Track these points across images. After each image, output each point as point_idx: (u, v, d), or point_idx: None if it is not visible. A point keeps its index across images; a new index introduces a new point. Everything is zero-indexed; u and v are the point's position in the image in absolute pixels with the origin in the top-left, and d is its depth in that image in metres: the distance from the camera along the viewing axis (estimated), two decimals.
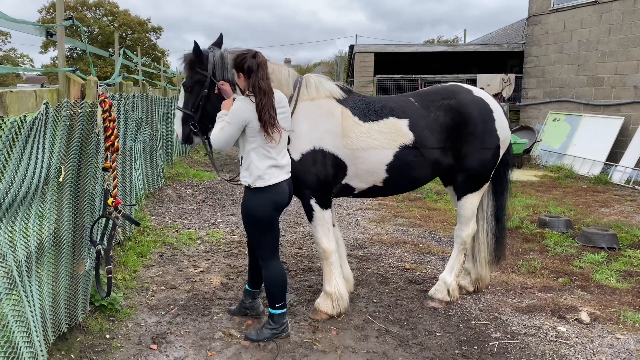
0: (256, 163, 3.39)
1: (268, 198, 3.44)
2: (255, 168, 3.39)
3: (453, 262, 4.40)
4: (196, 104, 3.85)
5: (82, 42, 6.05)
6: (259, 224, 3.50)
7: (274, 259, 3.61)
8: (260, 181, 3.41)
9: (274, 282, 3.60)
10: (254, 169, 3.40)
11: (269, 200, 3.44)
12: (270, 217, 3.49)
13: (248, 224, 3.57)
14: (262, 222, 3.49)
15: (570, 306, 4.34)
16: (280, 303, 3.64)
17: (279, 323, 3.66)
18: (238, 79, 3.45)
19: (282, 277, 3.63)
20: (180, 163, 11.90)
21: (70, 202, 3.31)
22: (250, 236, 3.68)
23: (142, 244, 5.75)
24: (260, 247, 3.60)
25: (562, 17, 14.27)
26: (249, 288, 4.02)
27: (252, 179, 3.41)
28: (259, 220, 3.48)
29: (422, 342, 3.72)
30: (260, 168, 3.39)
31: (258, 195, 3.44)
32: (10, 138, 1.99)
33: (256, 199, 3.46)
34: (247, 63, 3.33)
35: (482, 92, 4.23)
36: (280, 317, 3.67)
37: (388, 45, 20.18)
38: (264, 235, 3.54)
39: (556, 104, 14.46)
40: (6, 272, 2.34)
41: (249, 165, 3.42)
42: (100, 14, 45.75)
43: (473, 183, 4.17)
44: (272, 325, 3.66)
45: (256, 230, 3.54)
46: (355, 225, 7.17)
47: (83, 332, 3.58)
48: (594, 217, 7.61)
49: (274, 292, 3.61)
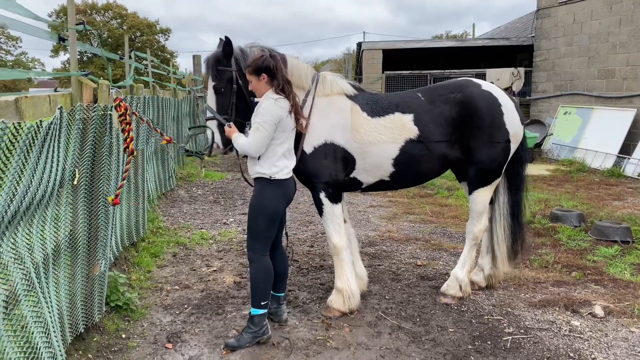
0: (278, 157, 3.51)
1: (281, 191, 3.54)
2: (277, 161, 3.51)
3: (465, 257, 4.40)
4: (230, 104, 3.79)
5: (92, 46, 6.11)
6: (268, 216, 3.53)
7: (266, 254, 3.62)
8: (279, 174, 3.51)
9: (264, 278, 3.57)
10: (275, 162, 3.50)
11: (281, 192, 3.54)
12: (280, 209, 3.58)
13: (258, 215, 3.55)
14: (271, 214, 3.54)
15: (584, 300, 4.32)
16: (265, 301, 3.58)
17: (259, 325, 3.56)
18: (258, 81, 3.47)
19: (269, 273, 3.61)
20: (191, 164, 11.98)
21: (85, 205, 3.36)
22: (253, 229, 3.58)
23: (156, 245, 5.81)
24: (259, 240, 3.57)
25: (572, 9, 14.14)
26: (274, 293, 3.91)
27: (272, 171, 3.50)
28: (270, 212, 3.53)
29: (435, 338, 3.73)
30: (281, 162, 3.53)
31: (272, 188, 3.52)
32: (28, 143, 2.04)
33: (270, 192, 3.52)
34: (268, 63, 3.43)
35: (492, 86, 4.22)
36: (262, 318, 3.58)
37: (396, 42, 20.13)
38: (268, 229, 3.56)
39: (567, 97, 14.34)
40: (24, 274, 2.39)
41: (270, 158, 3.50)
42: (109, 16, 46.11)
43: (483, 177, 4.17)
44: (252, 329, 3.56)
45: (263, 222, 3.54)
46: (366, 223, 7.18)
47: (99, 332, 3.63)
48: (607, 211, 7.55)
49: (259, 288, 3.56)
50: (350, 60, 25.36)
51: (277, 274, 3.80)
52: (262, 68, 3.42)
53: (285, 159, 3.57)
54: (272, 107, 3.40)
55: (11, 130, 1.88)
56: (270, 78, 3.45)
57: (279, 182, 3.53)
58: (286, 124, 3.49)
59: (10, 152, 1.92)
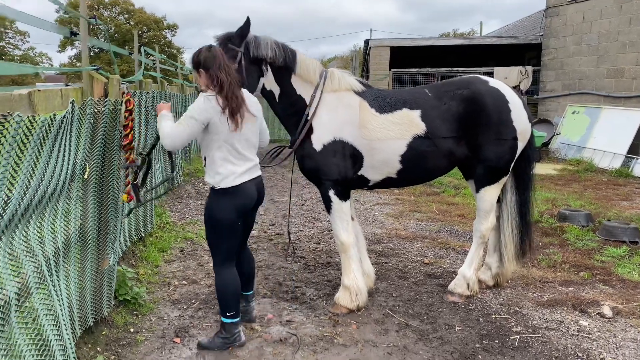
0: (219, 162, 3.25)
1: (231, 201, 3.29)
2: (219, 168, 3.25)
3: (472, 256, 4.39)
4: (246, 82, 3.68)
5: (100, 41, 6.13)
6: (218, 228, 3.33)
7: (228, 266, 3.43)
8: (224, 182, 3.25)
9: (225, 290, 3.41)
10: (217, 169, 3.25)
11: (231, 203, 3.29)
12: (231, 221, 3.31)
13: (207, 227, 3.39)
14: (222, 227, 3.32)
15: (592, 300, 4.30)
16: (231, 312, 3.43)
17: (230, 332, 3.46)
18: (199, 77, 3.30)
19: (234, 284, 3.44)
20: (197, 159, 11.99)
21: (95, 199, 3.37)
22: (209, 243, 3.47)
23: (163, 240, 5.83)
24: (216, 252, 3.42)
25: (581, 7, 14.05)
26: (242, 292, 3.76)
27: (216, 179, 3.27)
28: (219, 224, 3.32)
29: (442, 336, 3.72)
30: (224, 168, 3.25)
31: (220, 198, 3.30)
32: (41, 136, 2.05)
33: (218, 202, 3.31)
34: (202, 57, 3.22)
35: (499, 83, 4.20)
36: (232, 327, 3.46)
37: (404, 40, 20.07)
38: (222, 241, 3.36)
39: (575, 97, 14.26)
40: (36, 267, 2.40)
41: (212, 165, 3.27)
42: (116, 12, 46.23)
43: (491, 175, 4.15)
44: (223, 335, 3.47)
45: (215, 234, 3.36)
46: (373, 220, 7.18)
47: (108, 325, 3.65)
48: (615, 211, 7.51)
49: (225, 299, 3.42)
50: (357, 57, 25.33)
51: (244, 274, 3.71)
52: (197, 62, 3.25)
53: (229, 163, 3.26)
54: (200, 104, 3.17)
55: (25, 124, 1.89)
56: (206, 73, 3.21)
57: (227, 190, 3.26)
58: (219, 126, 3.18)
59: (25, 145, 1.93)
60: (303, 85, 3.95)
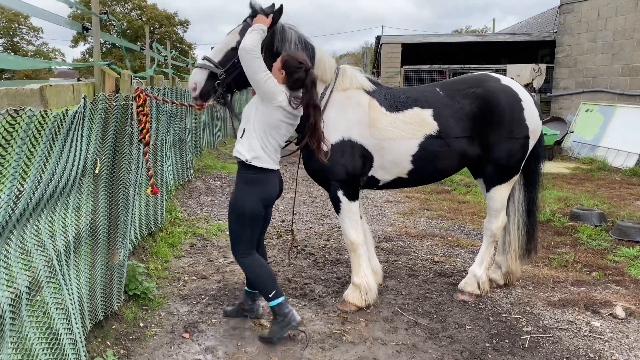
0: (262, 142, 3.36)
1: (260, 191, 3.39)
2: (258, 146, 3.36)
3: (483, 254, 4.36)
4: (232, 62, 3.63)
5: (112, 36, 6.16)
6: (242, 216, 3.41)
7: (249, 255, 3.50)
8: (256, 161, 3.36)
9: (258, 276, 3.49)
10: (256, 147, 3.35)
11: (260, 193, 3.39)
12: (257, 211, 3.41)
13: (231, 215, 3.47)
14: (247, 215, 3.40)
15: (605, 301, 4.25)
16: (272, 292, 3.46)
17: (281, 314, 3.47)
18: (279, 71, 3.40)
19: (264, 267, 3.52)
20: (208, 155, 12.04)
21: (106, 194, 3.39)
22: (230, 228, 3.54)
23: (173, 235, 5.85)
24: (238, 241, 3.49)
25: (596, 4, 13.87)
26: (249, 289, 3.85)
27: (251, 155, 3.36)
28: (245, 212, 3.39)
29: (452, 334, 3.70)
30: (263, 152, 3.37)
31: (252, 187, 3.39)
32: (53, 131, 2.05)
33: (246, 189, 3.40)
34: (299, 77, 3.36)
35: (511, 81, 4.16)
36: (281, 307, 3.47)
37: (415, 36, 19.96)
38: (246, 229, 3.43)
39: (589, 95, 14.09)
40: (47, 261, 2.42)
41: (252, 141, 3.37)
42: (128, 8, 46.47)
43: (502, 174, 4.11)
44: (278, 319, 3.49)
45: (239, 223, 3.43)
46: (383, 218, 7.15)
47: (118, 320, 3.67)
48: (629, 210, 7.42)
49: (261, 283, 3.49)
50: (369, 54, 25.24)
51: None
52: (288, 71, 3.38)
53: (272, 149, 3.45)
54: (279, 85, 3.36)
55: (38, 119, 1.90)
56: (288, 78, 3.38)
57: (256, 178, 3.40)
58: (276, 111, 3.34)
59: (37, 140, 1.93)
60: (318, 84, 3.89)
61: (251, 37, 3.34)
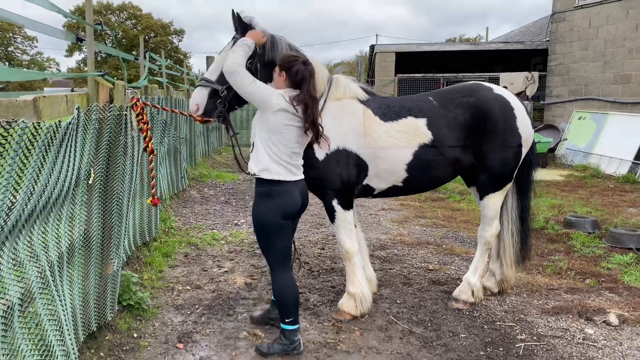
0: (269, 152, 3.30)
1: (276, 204, 3.32)
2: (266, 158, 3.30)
3: (477, 262, 4.37)
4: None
5: (107, 46, 6.16)
6: (266, 231, 3.37)
7: (284, 270, 3.46)
8: (266, 173, 3.30)
9: (282, 295, 3.44)
10: (263, 159, 3.30)
11: (277, 206, 3.32)
12: (279, 224, 3.34)
13: (256, 230, 3.45)
14: (270, 230, 3.35)
15: (598, 308, 4.27)
16: (290, 318, 3.43)
17: (289, 340, 3.45)
18: (279, 75, 3.39)
19: (292, 290, 3.45)
20: (203, 164, 12.03)
21: (99, 204, 3.38)
22: (259, 243, 3.52)
23: (167, 245, 5.84)
24: (269, 255, 3.47)
25: (588, 13, 14.02)
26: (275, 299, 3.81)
27: (258, 168, 3.31)
28: (267, 228, 3.35)
29: (446, 343, 3.70)
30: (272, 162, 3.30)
31: (267, 200, 3.33)
32: (46, 143, 2.06)
33: (264, 204, 3.34)
34: (298, 69, 3.32)
35: (503, 90, 4.20)
36: (292, 334, 3.45)
37: (409, 45, 20.10)
38: (273, 243, 3.40)
39: (581, 102, 14.21)
40: (40, 272, 2.41)
41: (259, 154, 3.32)
42: (123, 17, 46.56)
43: (495, 182, 4.14)
44: (282, 341, 3.46)
45: (264, 237, 3.42)
46: (378, 226, 7.16)
47: (111, 331, 3.65)
48: (622, 217, 7.46)
49: (284, 305, 3.44)
50: (363, 62, 25.36)
51: None
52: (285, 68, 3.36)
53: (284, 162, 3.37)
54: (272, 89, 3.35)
55: (30, 130, 1.90)
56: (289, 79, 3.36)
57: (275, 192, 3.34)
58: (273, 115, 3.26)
59: (30, 152, 1.94)
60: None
61: (231, 57, 3.34)
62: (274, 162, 3.30)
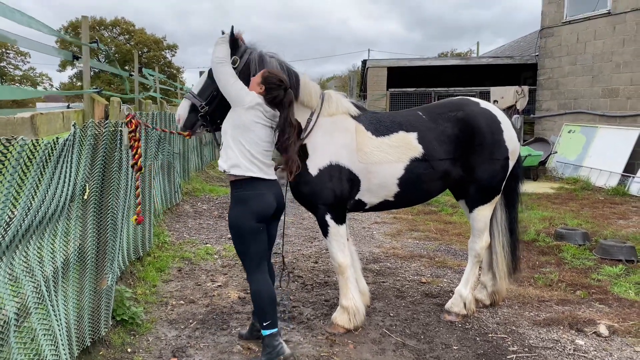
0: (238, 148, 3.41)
1: (250, 208, 3.41)
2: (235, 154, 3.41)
3: (468, 275, 4.42)
4: (211, 93, 3.75)
5: (101, 64, 6.23)
6: (242, 235, 3.45)
7: (259, 272, 3.52)
8: (236, 169, 3.41)
9: (259, 295, 3.48)
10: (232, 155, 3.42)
11: (251, 210, 3.41)
12: (253, 228, 3.42)
13: (232, 234, 3.53)
14: (245, 234, 3.43)
15: (589, 319, 4.32)
16: (267, 321, 3.46)
17: (270, 346, 3.45)
18: (257, 85, 3.51)
19: (267, 288, 3.51)
20: (196, 178, 12.04)
21: (94, 219, 3.41)
22: (235, 247, 3.59)
23: (161, 259, 5.84)
24: (245, 258, 3.53)
25: (576, 28, 14.27)
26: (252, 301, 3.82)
27: (228, 164, 3.43)
28: (243, 232, 3.43)
29: (439, 355, 3.73)
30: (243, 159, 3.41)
31: (241, 204, 3.43)
32: (44, 159, 2.10)
33: (239, 208, 3.43)
34: (277, 95, 3.48)
35: (490, 105, 4.33)
36: (271, 339, 3.46)
37: (401, 60, 20.30)
38: (248, 247, 3.47)
39: (571, 116, 14.40)
40: (35, 287, 2.43)
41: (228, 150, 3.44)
42: (116, 32, 46.74)
43: (484, 195, 4.21)
44: (266, 350, 3.47)
45: (240, 241, 3.49)
46: (371, 239, 7.20)
47: (105, 345, 3.65)
48: (612, 229, 7.55)
49: (260, 306, 3.48)
50: (355, 77, 25.56)
51: None
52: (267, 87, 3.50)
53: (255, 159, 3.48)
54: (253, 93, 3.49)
55: (29, 147, 1.94)
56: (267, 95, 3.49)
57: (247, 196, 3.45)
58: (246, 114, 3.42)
59: (28, 168, 1.97)
60: (301, 110, 3.88)
61: (216, 49, 3.57)
62: (245, 158, 3.41)
